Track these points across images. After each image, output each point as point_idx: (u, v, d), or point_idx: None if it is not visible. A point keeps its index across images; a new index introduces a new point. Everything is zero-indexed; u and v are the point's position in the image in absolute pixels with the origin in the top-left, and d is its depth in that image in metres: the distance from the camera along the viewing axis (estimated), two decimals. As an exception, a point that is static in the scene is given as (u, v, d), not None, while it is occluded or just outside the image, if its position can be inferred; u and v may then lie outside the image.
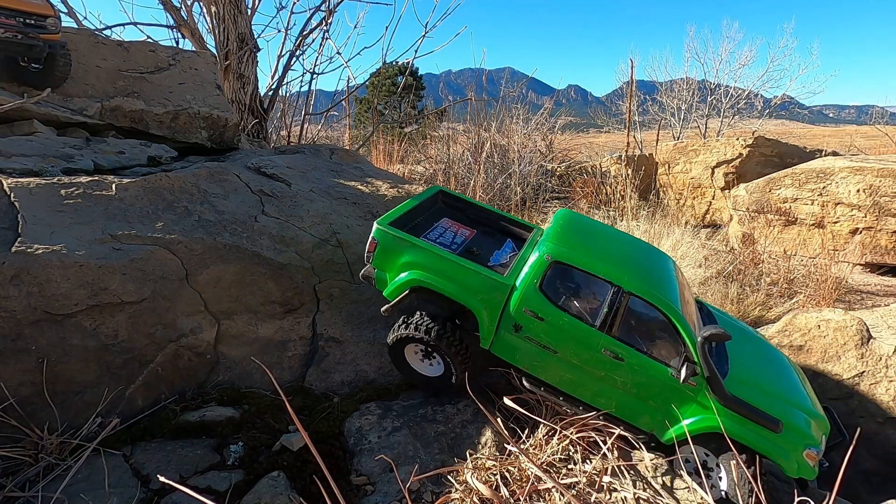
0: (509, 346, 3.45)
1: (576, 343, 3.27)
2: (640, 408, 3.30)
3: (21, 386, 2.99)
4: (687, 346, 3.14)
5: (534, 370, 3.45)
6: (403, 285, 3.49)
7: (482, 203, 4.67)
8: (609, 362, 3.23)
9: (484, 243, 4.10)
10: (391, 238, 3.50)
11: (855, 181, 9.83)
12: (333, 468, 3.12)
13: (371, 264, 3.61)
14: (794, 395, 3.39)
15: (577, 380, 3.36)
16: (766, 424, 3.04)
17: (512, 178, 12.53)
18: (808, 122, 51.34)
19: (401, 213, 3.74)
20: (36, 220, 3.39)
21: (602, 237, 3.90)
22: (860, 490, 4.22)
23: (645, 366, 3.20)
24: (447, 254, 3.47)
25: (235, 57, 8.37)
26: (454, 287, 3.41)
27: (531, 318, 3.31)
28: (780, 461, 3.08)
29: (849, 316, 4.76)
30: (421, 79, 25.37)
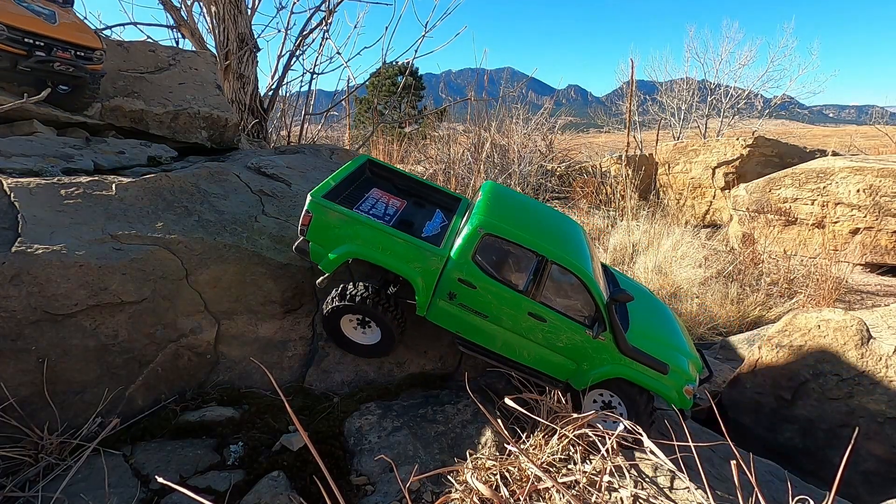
0: (444, 313, 3.66)
1: (504, 307, 3.60)
2: (558, 361, 3.75)
3: (21, 386, 2.98)
4: (598, 306, 3.63)
5: (467, 334, 3.72)
6: (340, 257, 3.54)
7: (410, 173, 4.75)
8: (533, 323, 3.63)
9: (416, 214, 4.19)
10: (327, 211, 3.50)
11: (855, 181, 9.83)
12: (333, 468, 3.12)
13: (305, 237, 3.59)
14: (676, 340, 4.09)
15: (506, 340, 3.71)
16: (657, 367, 3.69)
17: (512, 178, 12.53)
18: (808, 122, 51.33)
19: (333, 185, 3.73)
20: (36, 220, 3.39)
21: (525, 209, 4.21)
22: (860, 490, 4.22)
23: (563, 325, 3.63)
24: (384, 227, 3.55)
25: (235, 57, 8.37)
26: (392, 259, 3.52)
27: (464, 286, 3.56)
28: (666, 396, 3.73)
29: (849, 316, 4.76)
30: (421, 79, 25.38)
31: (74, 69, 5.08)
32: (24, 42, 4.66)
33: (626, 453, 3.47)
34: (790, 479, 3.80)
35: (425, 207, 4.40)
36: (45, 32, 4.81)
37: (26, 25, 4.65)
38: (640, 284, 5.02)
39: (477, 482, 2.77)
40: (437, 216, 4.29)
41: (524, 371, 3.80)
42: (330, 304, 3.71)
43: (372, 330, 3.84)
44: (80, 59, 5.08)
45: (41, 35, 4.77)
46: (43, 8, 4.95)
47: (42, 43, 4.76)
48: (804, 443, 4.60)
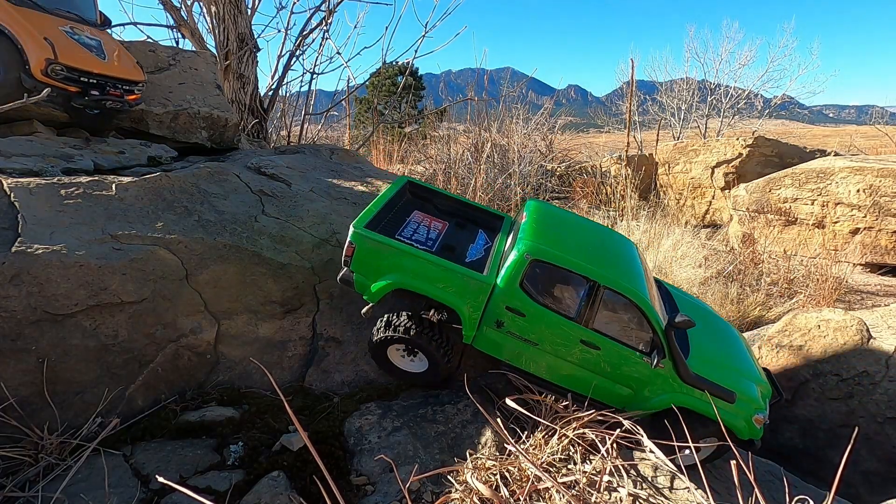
0: (492, 341, 3.57)
1: (555, 335, 3.48)
2: (614, 390, 3.59)
3: (21, 386, 2.99)
4: (656, 333, 3.45)
5: (516, 362, 3.62)
6: (384, 289, 3.46)
7: (450, 192, 4.68)
8: (586, 351, 3.49)
9: (458, 236, 4.11)
10: (369, 242, 3.43)
11: (855, 181, 9.83)
12: (333, 468, 3.12)
13: (349, 268, 3.52)
14: (742, 363, 3.83)
15: (557, 368, 3.59)
16: (723, 397, 3.47)
17: (512, 178, 12.53)
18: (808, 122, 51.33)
19: (374, 213, 3.67)
20: (36, 220, 3.39)
21: (572, 228, 4.06)
22: (860, 490, 4.22)
23: (618, 353, 3.47)
24: (427, 255, 3.46)
25: (235, 57, 8.37)
26: (436, 289, 3.43)
27: (512, 314, 3.45)
28: (734, 427, 3.51)
29: (849, 316, 4.76)
30: (421, 79, 25.39)
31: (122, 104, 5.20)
32: (80, 81, 4.73)
33: (626, 453, 3.47)
34: (790, 479, 3.81)
35: (467, 228, 4.31)
36: (100, 71, 4.88)
37: (83, 65, 4.71)
38: (698, 300, 4.68)
39: (477, 482, 2.77)
40: (479, 237, 4.18)
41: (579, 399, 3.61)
42: (376, 334, 3.62)
43: (419, 358, 3.74)
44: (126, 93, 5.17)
45: (96, 74, 4.84)
46: (91, 38, 5.00)
47: (95, 81, 4.84)
48: (804, 443, 4.60)
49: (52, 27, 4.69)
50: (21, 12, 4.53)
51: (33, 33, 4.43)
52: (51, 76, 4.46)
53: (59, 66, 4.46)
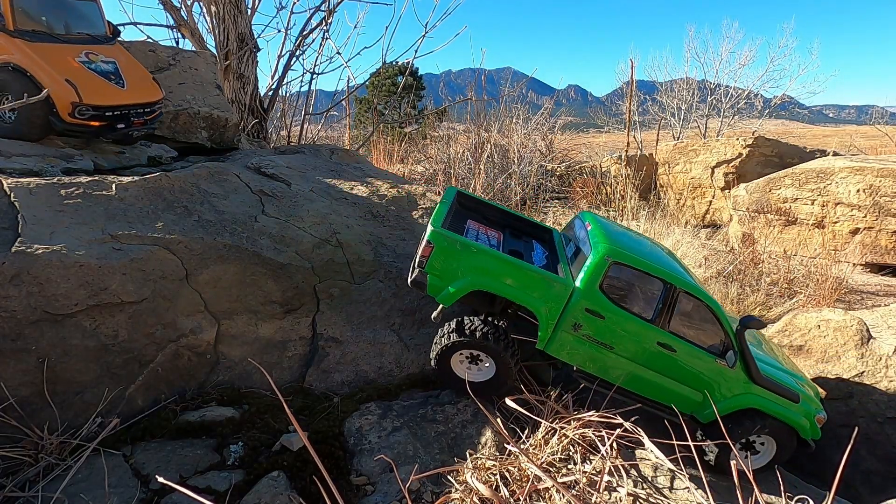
0: (566, 345, 3.53)
1: (632, 338, 3.50)
2: (684, 393, 3.62)
3: (21, 386, 2.99)
4: (729, 335, 3.54)
5: (588, 367, 3.59)
6: (463, 289, 3.40)
7: (498, 204, 4.70)
8: (661, 354, 3.52)
9: (517, 245, 4.10)
10: (450, 242, 3.38)
11: (855, 181, 9.83)
12: (333, 468, 3.12)
13: (424, 269, 3.42)
14: (789, 368, 3.92)
15: (629, 371, 3.58)
16: (789, 397, 3.56)
17: (512, 178, 12.52)
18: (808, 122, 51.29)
19: (444, 217, 3.62)
20: (36, 220, 3.39)
21: (631, 235, 4.16)
22: (860, 490, 4.22)
23: (693, 355, 3.53)
24: (509, 258, 3.45)
25: (235, 57, 8.36)
26: (517, 290, 3.40)
27: (592, 316, 3.45)
28: (799, 426, 3.59)
29: (849, 316, 4.76)
30: (421, 79, 25.37)
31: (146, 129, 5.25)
32: (105, 116, 4.76)
33: (626, 453, 3.47)
34: (790, 479, 3.80)
35: (522, 238, 4.32)
36: (123, 101, 4.90)
37: (107, 101, 4.75)
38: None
39: (477, 482, 2.77)
40: (536, 248, 4.21)
41: (645, 403, 3.62)
42: (446, 339, 3.52)
43: (481, 366, 3.65)
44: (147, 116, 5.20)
45: (120, 106, 4.87)
46: (106, 62, 5.00)
47: (120, 113, 4.86)
48: (804, 443, 4.60)
49: (71, 61, 4.70)
50: (38, 49, 4.54)
51: (54, 75, 4.46)
52: (78, 117, 4.51)
53: (84, 107, 4.50)
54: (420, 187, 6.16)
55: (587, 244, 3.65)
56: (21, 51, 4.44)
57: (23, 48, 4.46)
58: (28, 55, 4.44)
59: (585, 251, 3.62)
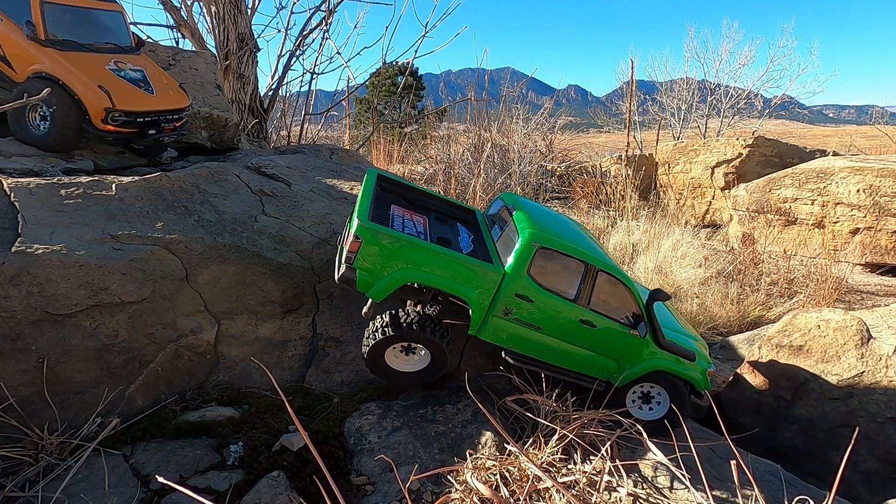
0: (498, 329, 3.63)
1: (558, 317, 3.67)
2: (602, 363, 3.92)
3: (21, 386, 2.99)
4: (640, 308, 3.84)
5: (518, 347, 3.73)
6: (394, 283, 3.37)
7: (419, 185, 4.65)
8: (584, 330, 3.75)
9: (443, 230, 4.08)
10: (378, 236, 3.30)
11: (855, 181, 9.83)
12: (333, 468, 3.12)
13: (353, 265, 3.31)
14: (685, 329, 4.44)
15: (555, 349, 3.78)
16: (688, 356, 4.01)
17: (512, 178, 12.53)
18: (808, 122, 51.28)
19: (369, 207, 3.53)
20: (36, 220, 3.39)
21: (550, 216, 4.25)
22: (860, 490, 4.22)
23: (610, 328, 3.79)
24: (441, 249, 3.46)
25: (235, 57, 8.36)
26: (449, 280, 3.42)
27: (521, 301, 3.54)
28: (695, 381, 4.08)
29: (849, 316, 4.76)
30: (421, 79, 25.37)
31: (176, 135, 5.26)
32: (137, 122, 4.78)
33: (626, 453, 3.47)
34: (790, 479, 3.81)
35: (447, 222, 4.30)
36: (153, 108, 4.93)
37: (138, 106, 4.77)
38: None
39: (477, 482, 2.77)
40: (462, 232, 4.20)
41: (569, 376, 3.88)
42: (377, 335, 3.49)
43: (416, 356, 3.68)
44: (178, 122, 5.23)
45: (150, 112, 4.89)
46: (134, 70, 5.04)
47: (150, 119, 4.89)
48: (804, 443, 4.60)
49: (101, 69, 4.74)
50: (69, 58, 4.57)
51: (87, 82, 4.49)
52: (111, 123, 4.54)
53: (116, 112, 4.53)
54: (420, 187, 6.15)
55: (513, 229, 3.73)
56: (53, 59, 4.49)
57: (54, 57, 4.51)
58: (60, 63, 4.48)
59: (511, 236, 3.70)
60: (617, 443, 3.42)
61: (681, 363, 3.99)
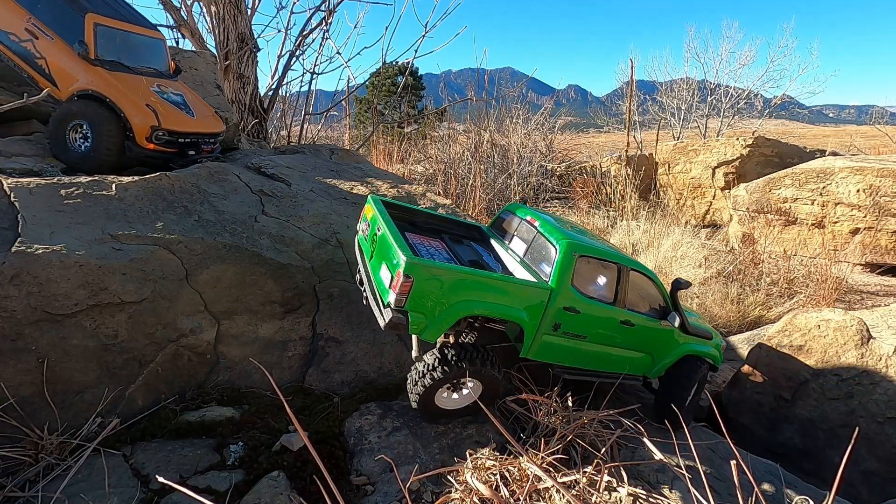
0: (548, 347, 3.54)
1: (602, 323, 3.68)
2: (639, 359, 4.02)
3: (21, 386, 2.98)
4: (667, 300, 3.98)
5: (568, 361, 3.68)
6: (450, 320, 3.08)
7: (421, 207, 4.53)
8: (624, 331, 3.79)
9: (464, 252, 3.98)
10: (429, 271, 2.99)
11: (855, 181, 9.83)
12: (333, 468, 3.11)
13: (405, 307, 2.97)
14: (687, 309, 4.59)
15: (599, 354, 3.80)
16: (707, 338, 4.25)
17: (512, 178, 12.53)
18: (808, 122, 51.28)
19: (401, 239, 3.19)
20: (36, 220, 3.39)
21: (568, 224, 4.26)
22: (860, 490, 4.22)
23: (645, 324, 3.86)
24: (492, 275, 3.31)
25: (235, 57, 8.37)
26: (503, 307, 3.22)
27: (569, 313, 3.49)
28: (714, 359, 4.38)
29: (849, 316, 4.75)
30: (421, 79, 25.35)
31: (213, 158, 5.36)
32: (178, 142, 4.89)
33: (626, 453, 3.47)
34: (790, 479, 3.80)
35: (462, 243, 4.20)
36: (193, 130, 5.04)
37: (181, 127, 4.88)
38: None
39: (477, 482, 2.77)
40: (480, 251, 4.11)
41: (613, 378, 3.91)
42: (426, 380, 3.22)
43: (464, 390, 3.43)
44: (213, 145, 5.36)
45: (190, 133, 5.00)
46: (175, 94, 5.17)
47: (190, 140, 5.00)
48: (804, 443, 4.59)
49: (146, 89, 4.86)
50: (117, 77, 4.68)
51: (134, 100, 4.60)
52: (154, 142, 4.63)
53: (161, 131, 4.63)
54: (420, 187, 6.15)
55: (542, 241, 3.67)
56: (102, 78, 4.61)
57: (104, 75, 4.63)
58: (109, 82, 4.60)
59: (542, 249, 3.64)
60: (617, 443, 3.42)
61: (704, 344, 4.20)
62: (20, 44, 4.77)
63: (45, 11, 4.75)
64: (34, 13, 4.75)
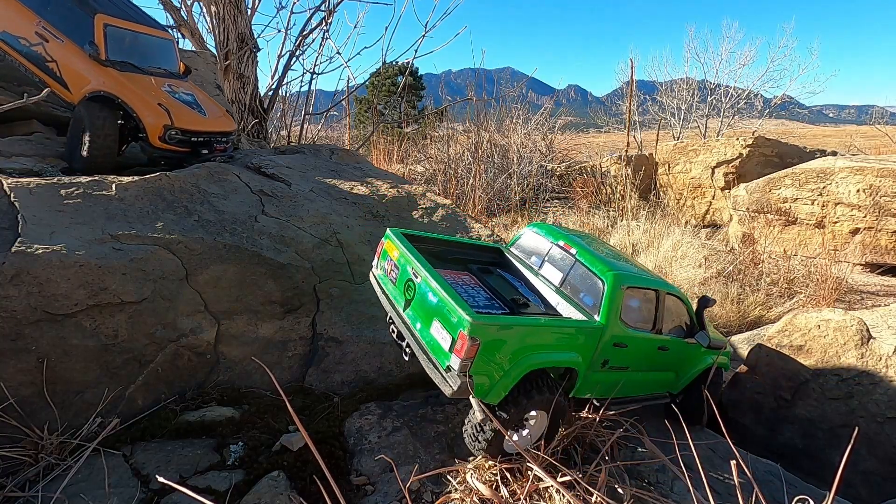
0: (592, 383, 3.35)
1: (644, 353, 3.60)
2: (666, 378, 4.04)
3: (21, 386, 2.98)
4: (694, 319, 3.99)
5: (608, 394, 3.47)
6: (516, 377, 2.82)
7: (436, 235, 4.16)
8: (660, 356, 3.77)
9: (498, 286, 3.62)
10: (495, 330, 2.72)
11: (855, 181, 9.83)
12: (333, 468, 3.11)
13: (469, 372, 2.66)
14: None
15: (637, 381, 3.71)
16: (722, 348, 4.29)
17: (512, 178, 12.53)
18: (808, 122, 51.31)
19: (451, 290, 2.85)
20: (36, 220, 3.39)
21: (604, 246, 4.16)
22: (860, 490, 4.22)
23: (678, 346, 3.85)
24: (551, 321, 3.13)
25: (235, 57, 8.36)
26: (563, 353, 3.04)
27: (617, 349, 3.35)
28: (726, 367, 4.55)
29: (849, 316, 4.75)
30: (421, 79, 25.36)
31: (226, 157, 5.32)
32: (191, 141, 4.85)
33: (626, 453, 3.47)
34: (790, 479, 3.81)
35: (492, 273, 3.82)
36: (205, 128, 5.00)
37: (193, 126, 4.84)
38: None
39: (477, 482, 2.77)
40: (512, 280, 3.81)
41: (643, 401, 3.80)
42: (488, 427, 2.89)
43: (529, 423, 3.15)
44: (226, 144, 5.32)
45: (203, 132, 4.95)
46: (186, 94, 5.15)
47: (203, 139, 4.96)
48: (804, 443, 4.59)
49: (158, 89, 4.83)
50: (128, 78, 4.67)
51: (146, 99, 4.57)
52: (168, 142, 4.61)
53: (174, 130, 4.61)
54: (420, 187, 6.16)
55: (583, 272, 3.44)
56: (113, 78, 4.58)
57: (115, 76, 4.61)
58: (121, 82, 4.58)
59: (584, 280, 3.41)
60: (617, 443, 3.42)
61: (721, 355, 4.24)
62: (31, 48, 4.76)
63: (54, 14, 4.74)
64: (44, 16, 4.73)
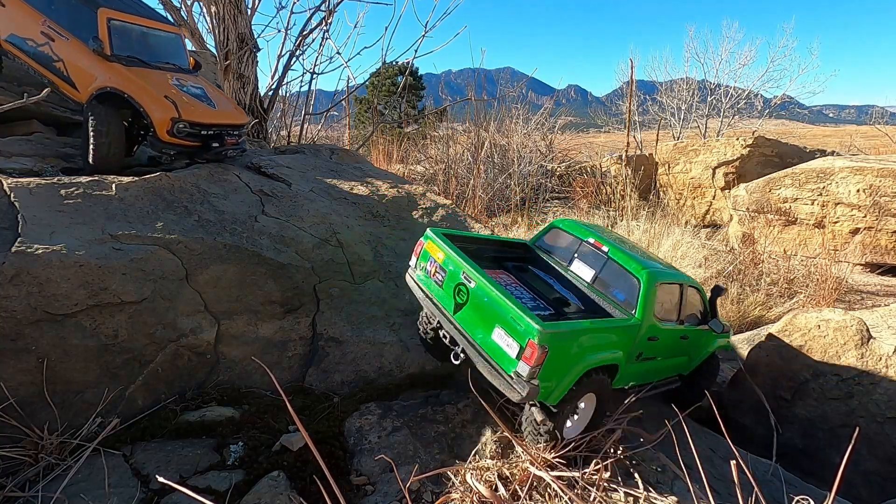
0: (627, 376, 3.56)
1: (670, 343, 3.81)
2: (681, 362, 4.22)
3: (21, 386, 2.98)
4: (707, 307, 4.16)
5: (638, 381, 3.76)
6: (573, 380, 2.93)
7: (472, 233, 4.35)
8: (681, 344, 3.99)
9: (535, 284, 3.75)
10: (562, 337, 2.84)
11: (855, 181, 9.83)
12: (333, 468, 3.11)
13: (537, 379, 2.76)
14: None
15: (660, 368, 3.95)
16: (728, 332, 4.53)
17: (512, 178, 12.53)
18: (808, 122, 51.30)
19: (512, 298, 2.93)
20: (36, 220, 3.39)
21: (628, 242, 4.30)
22: (860, 490, 4.22)
23: (695, 333, 4.04)
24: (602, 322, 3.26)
25: (235, 57, 8.36)
26: (611, 352, 3.15)
27: (650, 342, 3.58)
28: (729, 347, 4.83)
29: (849, 316, 4.75)
30: (421, 79, 25.34)
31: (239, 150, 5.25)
32: (200, 135, 4.75)
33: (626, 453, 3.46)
34: (790, 479, 3.81)
35: (527, 271, 3.93)
36: (215, 121, 4.90)
37: (202, 118, 4.74)
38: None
39: (477, 482, 2.77)
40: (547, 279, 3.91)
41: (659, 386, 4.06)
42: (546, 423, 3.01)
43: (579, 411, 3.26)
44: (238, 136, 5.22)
45: (213, 125, 4.86)
46: (195, 87, 5.06)
47: (213, 132, 4.86)
48: (804, 443, 4.59)
49: (165, 83, 4.75)
50: (135, 72, 4.60)
51: (153, 93, 4.49)
52: (176, 135, 4.51)
53: (182, 123, 4.50)
54: (420, 187, 6.16)
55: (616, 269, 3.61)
56: (119, 73, 4.51)
57: (121, 71, 4.53)
58: (127, 77, 4.50)
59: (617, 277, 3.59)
60: (617, 443, 3.41)
61: (727, 337, 4.47)
62: (38, 48, 4.69)
63: (59, 12, 4.68)
64: (49, 15, 4.67)
